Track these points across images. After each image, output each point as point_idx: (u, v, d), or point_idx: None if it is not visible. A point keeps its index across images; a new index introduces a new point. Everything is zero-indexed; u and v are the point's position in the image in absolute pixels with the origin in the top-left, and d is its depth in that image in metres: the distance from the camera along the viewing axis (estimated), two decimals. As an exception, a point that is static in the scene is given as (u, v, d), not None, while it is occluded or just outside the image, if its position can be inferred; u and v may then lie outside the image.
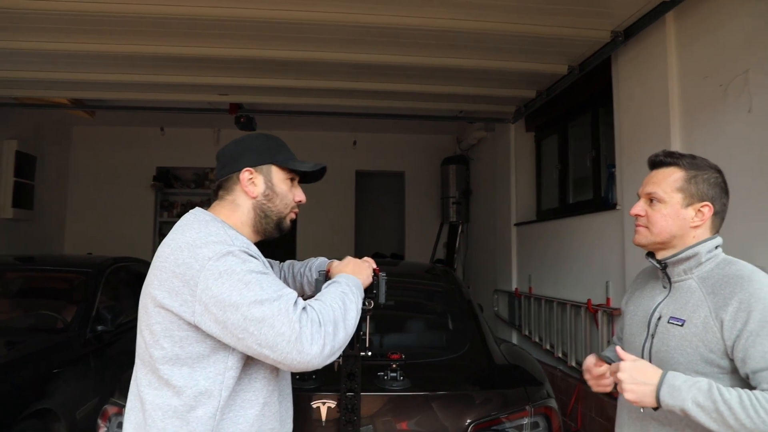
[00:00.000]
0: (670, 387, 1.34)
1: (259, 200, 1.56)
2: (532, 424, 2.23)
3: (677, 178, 1.52)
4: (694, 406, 1.30)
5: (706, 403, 1.29)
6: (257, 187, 1.56)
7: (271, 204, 1.58)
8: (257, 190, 1.56)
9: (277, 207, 1.59)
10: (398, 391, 2.18)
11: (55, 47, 4.07)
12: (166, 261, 1.38)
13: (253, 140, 1.62)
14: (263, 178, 1.57)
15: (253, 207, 1.56)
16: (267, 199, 1.57)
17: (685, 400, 1.31)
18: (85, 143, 8.07)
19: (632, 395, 1.38)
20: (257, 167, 1.57)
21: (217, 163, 1.62)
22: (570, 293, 4.73)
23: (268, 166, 1.58)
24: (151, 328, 1.39)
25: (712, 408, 1.29)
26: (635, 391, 1.38)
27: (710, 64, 3.06)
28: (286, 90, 5.22)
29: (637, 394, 1.38)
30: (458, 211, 7.83)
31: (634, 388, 1.38)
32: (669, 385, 1.34)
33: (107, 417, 2.24)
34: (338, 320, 1.38)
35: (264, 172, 1.58)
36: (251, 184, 1.56)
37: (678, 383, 1.33)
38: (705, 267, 1.50)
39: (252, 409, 1.42)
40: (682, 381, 1.34)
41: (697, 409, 1.30)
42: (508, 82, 4.96)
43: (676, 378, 1.35)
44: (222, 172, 1.59)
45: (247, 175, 1.55)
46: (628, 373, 1.39)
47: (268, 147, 1.61)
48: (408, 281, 3.46)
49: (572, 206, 5.18)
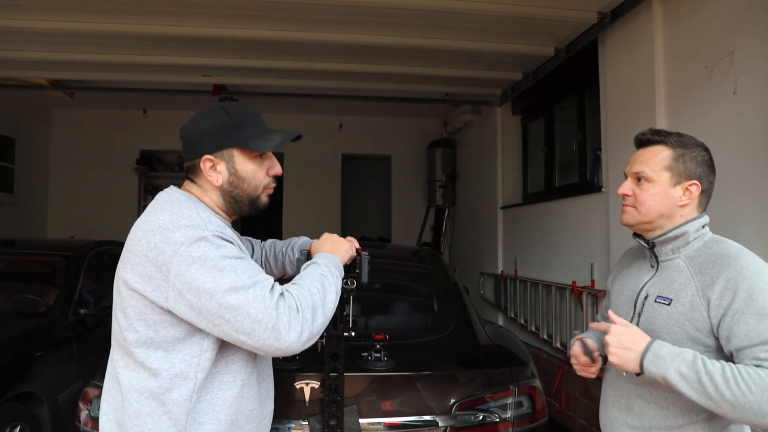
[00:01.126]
0: (655, 355, 1.34)
1: (225, 188, 1.46)
2: (516, 403, 2.24)
3: (665, 157, 1.51)
4: (676, 376, 1.31)
5: (688, 374, 1.30)
6: (221, 174, 1.45)
7: (238, 190, 1.47)
8: (221, 178, 1.45)
9: (246, 191, 1.48)
10: (382, 372, 2.18)
11: (31, 25, 3.95)
12: (138, 244, 1.35)
13: (211, 119, 1.46)
14: (225, 164, 1.44)
15: (221, 194, 1.48)
16: (233, 186, 1.46)
17: (668, 369, 1.32)
18: (66, 125, 7.92)
19: (616, 359, 1.39)
20: (216, 153, 1.44)
21: (182, 144, 1.50)
22: (555, 275, 4.76)
23: (229, 150, 1.44)
24: (125, 311, 1.36)
25: (694, 378, 1.29)
26: (619, 355, 1.38)
27: (696, 45, 3.06)
28: (270, 71, 5.15)
29: (621, 359, 1.38)
30: (445, 195, 7.82)
31: (619, 352, 1.38)
32: (654, 353, 1.35)
33: (88, 399, 2.21)
34: (317, 305, 1.36)
35: (225, 158, 1.44)
36: (214, 172, 1.44)
37: (663, 352, 1.34)
38: (692, 246, 1.50)
39: (230, 391, 1.40)
40: (667, 351, 1.34)
41: (679, 379, 1.30)
42: (495, 64, 4.94)
43: (662, 347, 1.35)
44: (186, 155, 1.49)
45: (208, 164, 1.44)
46: (616, 337, 1.39)
47: (226, 127, 1.44)
48: (394, 264, 3.46)
49: (558, 189, 5.19)
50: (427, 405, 2.15)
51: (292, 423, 2.05)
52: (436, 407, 2.14)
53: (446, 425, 2.11)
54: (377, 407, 2.14)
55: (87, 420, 2.20)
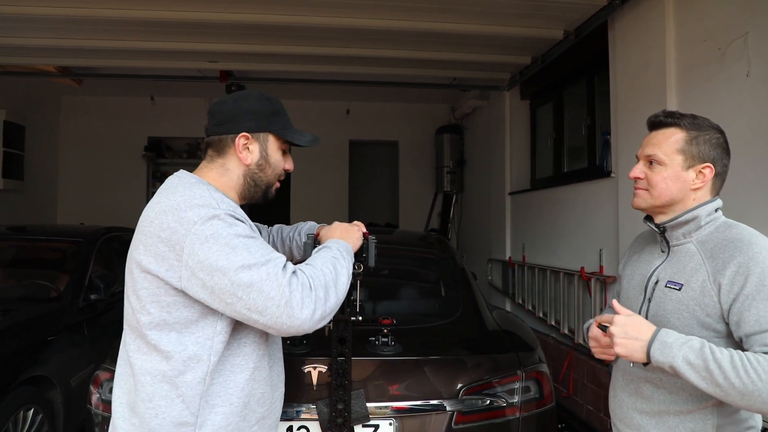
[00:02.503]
0: (662, 344, 1.32)
1: (252, 168, 1.51)
2: (524, 388, 2.24)
3: (678, 139, 1.48)
4: (683, 364, 1.29)
5: (696, 362, 1.28)
6: (252, 154, 1.50)
7: (262, 173, 1.53)
8: (252, 158, 1.50)
9: (268, 176, 1.55)
10: (389, 356, 2.18)
11: (39, 11, 3.95)
12: (151, 225, 1.35)
13: (254, 102, 1.53)
14: (259, 146, 1.51)
15: (244, 174, 1.51)
16: (260, 168, 1.52)
17: (676, 357, 1.30)
18: (74, 113, 7.96)
19: (622, 349, 1.37)
20: (255, 134, 1.50)
21: (211, 118, 1.53)
22: (563, 261, 4.75)
23: (266, 134, 1.52)
24: (137, 293, 1.37)
25: (702, 366, 1.27)
26: (626, 346, 1.36)
27: (709, 27, 3.01)
28: (277, 56, 5.13)
29: (628, 349, 1.36)
30: (452, 181, 7.80)
31: (625, 343, 1.36)
32: (660, 342, 1.33)
33: (99, 382, 2.24)
34: (329, 285, 1.36)
35: (261, 140, 1.51)
36: (246, 150, 1.50)
37: (670, 340, 1.32)
38: (704, 230, 1.47)
39: (242, 373, 1.41)
40: (674, 338, 1.32)
41: (686, 367, 1.29)
42: (503, 48, 4.89)
43: (668, 335, 1.33)
44: (216, 129, 1.51)
45: (243, 141, 1.49)
46: (621, 327, 1.37)
47: (268, 112, 1.53)
48: (402, 249, 3.46)
49: (567, 174, 5.16)
50: (434, 389, 2.15)
51: (301, 407, 2.06)
52: (444, 391, 2.15)
53: (453, 409, 2.12)
54: (384, 391, 2.14)
55: (98, 403, 2.23)
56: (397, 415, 2.11)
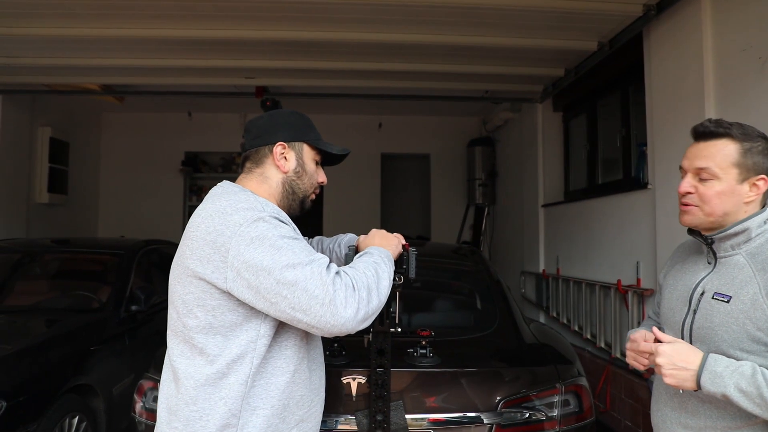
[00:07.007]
0: (712, 374, 1.29)
1: (290, 176, 1.59)
2: (563, 401, 2.22)
3: (731, 152, 1.40)
4: (736, 392, 1.26)
5: (749, 389, 1.25)
6: (289, 162, 1.58)
7: (299, 181, 1.60)
8: (289, 166, 1.58)
9: (305, 185, 1.62)
10: (428, 368, 2.18)
11: (82, 33, 4.12)
12: (198, 230, 1.40)
13: (287, 116, 1.64)
14: (295, 154, 1.60)
15: (282, 182, 1.58)
16: (297, 176, 1.60)
17: (728, 387, 1.27)
18: (114, 129, 8.21)
19: (672, 380, 1.34)
20: (290, 143, 1.59)
21: (247, 134, 1.62)
22: (599, 274, 4.68)
23: (301, 143, 1.61)
24: (183, 298, 1.41)
25: (755, 393, 1.25)
26: (675, 376, 1.33)
27: (748, 36, 2.96)
28: (310, 72, 5.21)
29: (677, 379, 1.33)
30: (484, 193, 7.78)
31: (674, 373, 1.33)
32: (710, 372, 1.30)
33: (143, 391, 2.29)
34: (372, 287, 1.38)
35: (296, 149, 1.60)
36: (283, 158, 1.58)
37: (720, 369, 1.29)
38: (755, 242, 1.42)
39: (282, 376, 1.43)
40: (723, 366, 1.29)
41: (739, 395, 1.26)
42: (535, 61, 4.87)
43: (717, 363, 1.30)
44: (253, 142, 1.60)
45: (280, 150, 1.57)
46: (667, 358, 1.34)
47: (301, 125, 1.63)
48: (436, 261, 3.46)
49: (601, 186, 5.10)
50: (472, 402, 2.14)
51: (340, 417, 2.08)
52: (482, 404, 2.13)
53: (492, 422, 2.10)
54: (423, 403, 2.14)
55: (142, 411, 2.28)
56: (434, 427, 2.11)
